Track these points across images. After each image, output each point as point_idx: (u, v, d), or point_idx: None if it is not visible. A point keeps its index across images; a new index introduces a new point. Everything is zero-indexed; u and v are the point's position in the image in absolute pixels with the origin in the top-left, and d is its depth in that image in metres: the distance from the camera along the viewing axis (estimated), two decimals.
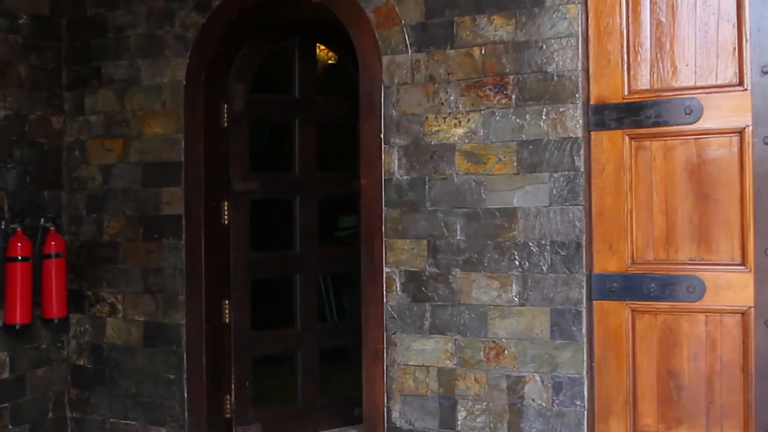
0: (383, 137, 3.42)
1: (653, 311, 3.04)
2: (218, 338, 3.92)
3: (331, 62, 5.18)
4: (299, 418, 4.16)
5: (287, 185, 4.20)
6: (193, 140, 3.84)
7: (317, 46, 4.38)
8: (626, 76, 3.08)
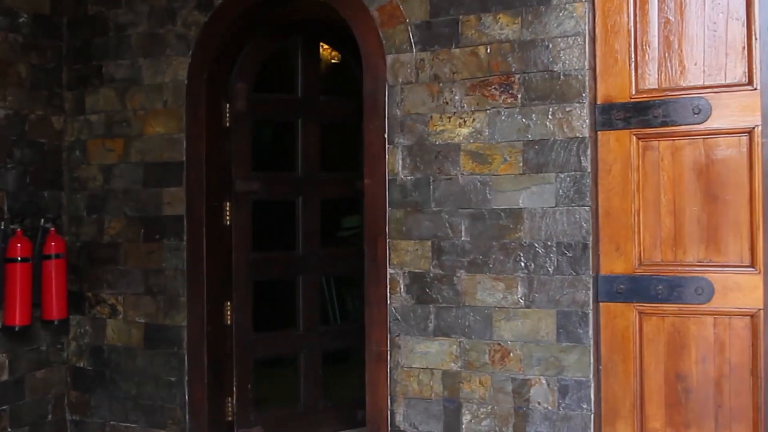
0: (387, 137, 3.39)
1: (661, 313, 3.00)
2: (220, 340, 3.90)
3: (334, 61, 5.16)
4: (301, 420, 4.15)
5: (290, 185, 4.19)
6: (194, 140, 3.82)
7: (320, 45, 4.37)
8: (634, 75, 3.05)
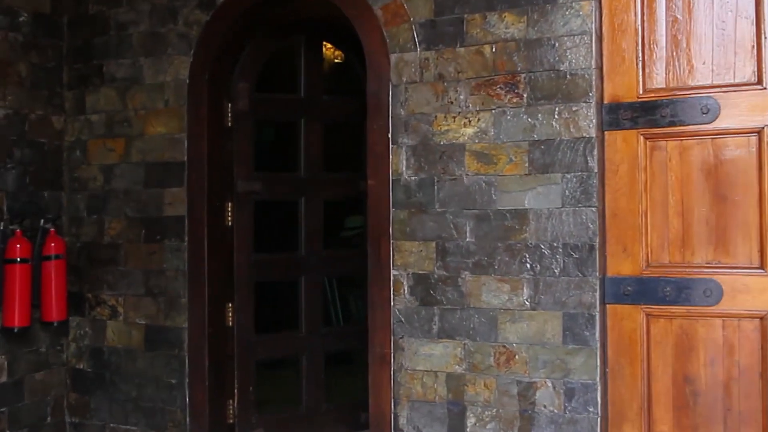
0: (391, 137, 3.36)
1: (668, 315, 2.97)
2: (221, 342, 3.88)
3: (337, 61, 5.13)
4: (303, 423, 4.13)
5: (292, 186, 4.17)
6: (196, 140, 3.80)
7: (323, 44, 4.34)
8: (641, 74, 3.01)
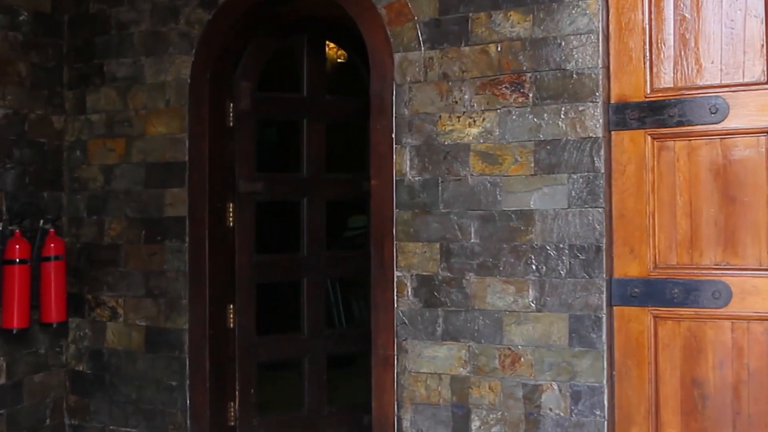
0: (395, 137, 3.34)
1: (676, 318, 2.93)
2: (222, 343, 3.85)
3: (340, 60, 5.12)
4: (306, 426, 4.10)
5: (294, 186, 4.15)
6: (197, 140, 3.78)
7: (326, 43, 4.33)
8: (648, 73, 2.98)
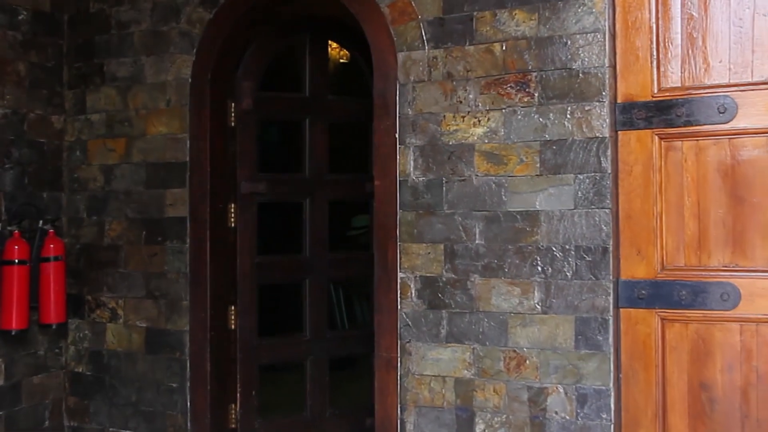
0: (398, 137, 3.31)
1: (684, 320, 2.90)
2: (223, 345, 3.83)
3: (343, 60, 5.09)
4: (308, 428, 4.08)
5: (297, 187, 4.12)
6: (198, 140, 3.76)
7: (329, 43, 4.31)
8: (656, 73, 2.95)
